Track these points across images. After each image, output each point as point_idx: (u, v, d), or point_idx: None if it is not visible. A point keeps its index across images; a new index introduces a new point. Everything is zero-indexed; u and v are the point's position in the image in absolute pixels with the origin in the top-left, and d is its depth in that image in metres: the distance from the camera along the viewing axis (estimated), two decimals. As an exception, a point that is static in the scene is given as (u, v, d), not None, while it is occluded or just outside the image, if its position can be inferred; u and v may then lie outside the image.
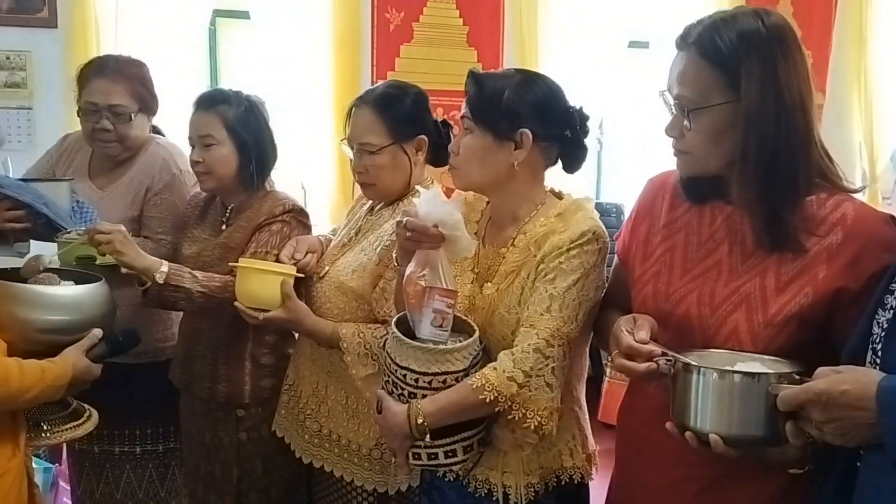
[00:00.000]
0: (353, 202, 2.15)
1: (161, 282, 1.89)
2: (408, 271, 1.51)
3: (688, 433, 1.25)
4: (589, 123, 1.61)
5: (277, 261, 1.94)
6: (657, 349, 1.30)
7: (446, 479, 1.65)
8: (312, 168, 3.84)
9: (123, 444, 2.30)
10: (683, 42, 1.36)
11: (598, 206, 1.87)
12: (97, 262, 1.90)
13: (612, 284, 1.61)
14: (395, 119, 1.85)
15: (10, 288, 1.61)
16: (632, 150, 4.41)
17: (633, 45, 4.22)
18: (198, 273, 1.96)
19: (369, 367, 1.82)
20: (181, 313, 2.20)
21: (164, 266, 1.91)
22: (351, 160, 1.91)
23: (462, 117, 1.58)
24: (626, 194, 4.21)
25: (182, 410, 2.23)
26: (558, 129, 1.57)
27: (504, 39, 4.07)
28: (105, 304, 1.73)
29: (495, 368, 1.45)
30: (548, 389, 1.46)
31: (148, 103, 2.23)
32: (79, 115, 2.21)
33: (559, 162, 1.63)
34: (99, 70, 2.17)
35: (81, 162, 2.30)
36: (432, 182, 1.92)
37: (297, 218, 2.07)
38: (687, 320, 1.38)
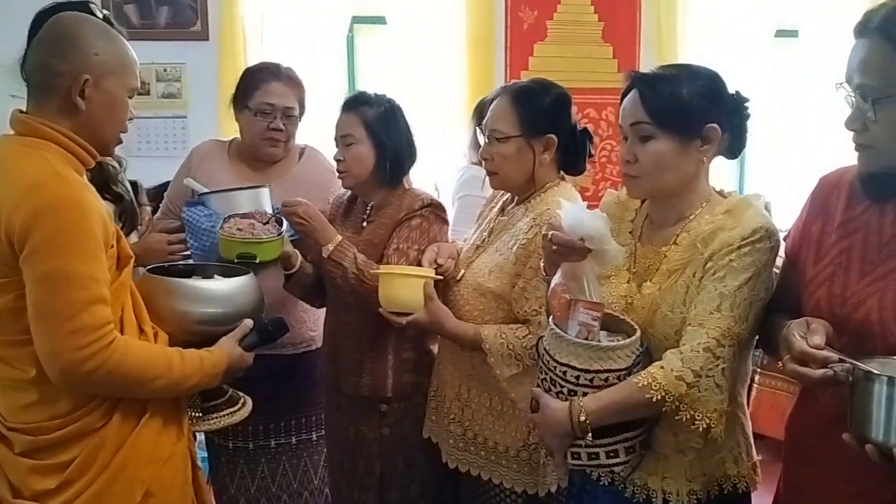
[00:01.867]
0: (482, 206, 2.16)
1: (326, 255, 2.00)
2: (553, 283, 1.51)
3: (868, 446, 1.19)
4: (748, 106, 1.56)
5: (417, 265, 1.98)
6: (833, 355, 1.25)
7: (600, 483, 1.62)
8: (446, 168, 3.87)
9: (258, 439, 2.38)
10: (864, 28, 1.29)
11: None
12: (257, 260, 1.98)
13: (779, 286, 1.54)
14: (528, 113, 1.85)
15: (169, 283, 1.70)
16: (780, 144, 4.19)
17: (780, 34, 4.00)
18: (359, 256, 2.02)
19: (513, 367, 1.82)
20: (323, 310, 2.27)
21: (338, 238, 2.02)
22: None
23: (635, 124, 1.52)
24: (773, 190, 4.00)
25: (327, 408, 2.30)
26: (731, 118, 1.53)
27: (641, 34, 3.96)
28: (255, 297, 1.80)
29: (662, 367, 1.41)
30: (717, 391, 1.40)
31: (303, 110, 2.35)
32: (240, 116, 2.31)
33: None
34: (274, 74, 2.29)
35: (215, 168, 2.35)
36: (558, 183, 1.91)
37: (435, 212, 2.11)
38: (866, 325, 1.31)
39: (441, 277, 1.94)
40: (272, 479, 2.40)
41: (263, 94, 2.26)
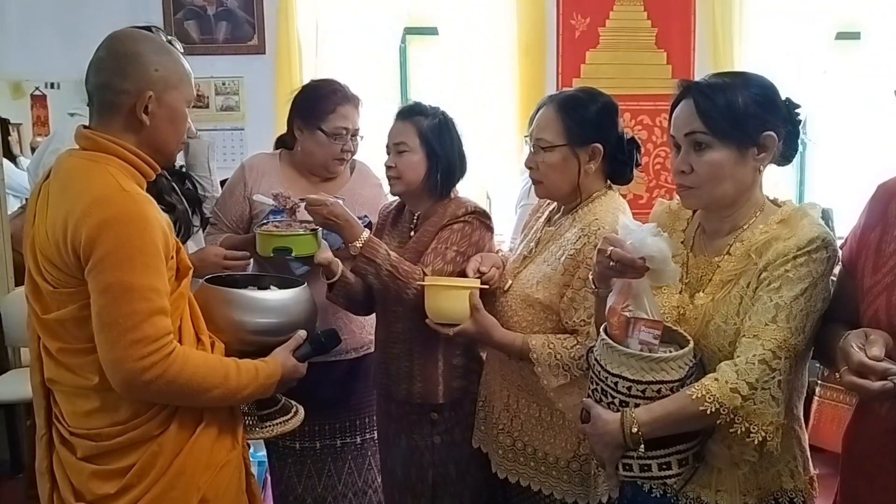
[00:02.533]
0: (527, 216, 2.15)
1: (357, 252, 1.99)
2: (610, 301, 1.50)
3: None
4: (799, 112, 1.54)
5: (462, 275, 1.98)
6: (893, 367, 1.21)
7: (651, 495, 1.60)
8: (497, 177, 3.88)
9: (324, 439, 2.43)
10: None
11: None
12: (293, 254, 2.02)
13: (835, 295, 1.50)
14: (573, 122, 1.84)
15: (226, 293, 1.73)
16: (840, 150, 4.07)
17: (841, 36, 3.90)
18: (392, 253, 2.04)
19: (560, 377, 1.81)
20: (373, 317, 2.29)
21: (366, 234, 2.02)
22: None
23: (690, 133, 1.50)
24: (835, 198, 3.89)
25: (378, 415, 2.32)
26: (785, 125, 1.50)
27: (696, 39, 3.90)
28: (308, 307, 1.83)
29: (717, 379, 1.39)
30: (773, 403, 1.37)
31: None
32: (309, 135, 2.33)
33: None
34: (346, 98, 2.35)
35: (273, 182, 2.37)
36: (605, 192, 1.90)
37: (479, 218, 2.11)
38: None
39: (486, 287, 1.95)
40: (338, 477, 2.45)
41: (338, 118, 2.31)
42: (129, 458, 1.50)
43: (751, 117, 1.46)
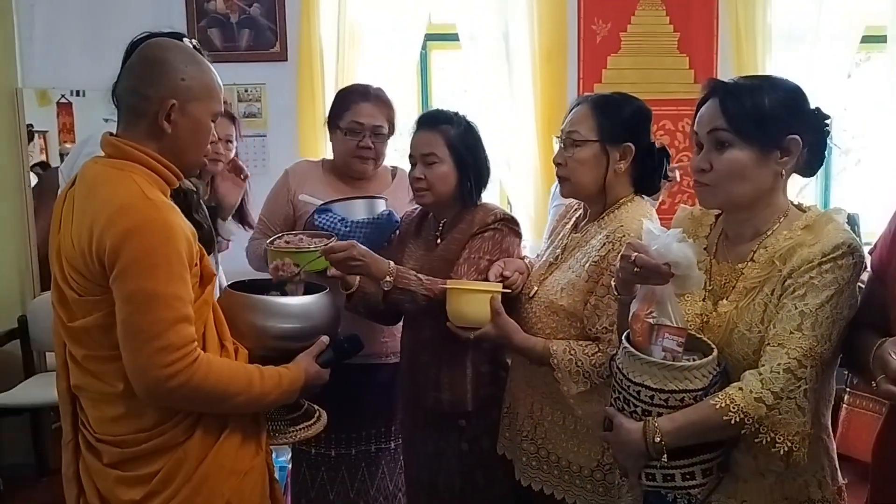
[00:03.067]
0: (554, 223, 2.14)
1: (388, 287, 1.99)
2: (634, 308, 1.49)
3: None
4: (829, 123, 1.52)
5: (485, 279, 1.98)
6: None
7: (676, 504, 1.58)
8: (517, 183, 3.86)
9: (340, 447, 2.43)
10: None
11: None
12: (301, 269, 1.98)
13: (864, 301, 1.48)
14: (608, 120, 1.84)
15: (249, 299, 1.74)
16: (866, 154, 4.01)
17: (867, 39, 3.85)
18: (422, 276, 2.04)
19: (581, 384, 1.80)
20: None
21: (392, 267, 2.01)
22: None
23: (713, 131, 1.49)
24: (862, 203, 3.84)
25: (404, 423, 2.32)
26: (811, 132, 1.48)
27: (719, 43, 3.87)
28: (331, 313, 1.83)
29: (741, 388, 1.37)
30: (799, 413, 1.36)
31: (392, 129, 2.44)
32: (333, 136, 2.43)
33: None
34: (363, 95, 2.40)
35: (315, 187, 2.44)
36: (632, 199, 1.88)
37: (508, 226, 2.11)
38: None
39: (508, 291, 1.94)
40: (351, 485, 2.46)
41: (353, 113, 2.36)
42: (155, 465, 1.51)
43: (776, 119, 1.45)
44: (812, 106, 1.51)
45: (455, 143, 2.10)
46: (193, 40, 1.66)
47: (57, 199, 1.59)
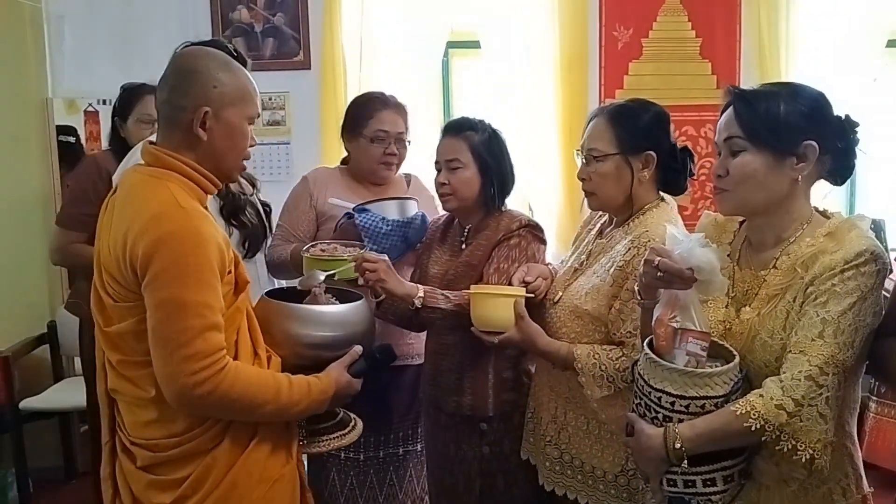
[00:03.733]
0: (579, 229, 2.15)
1: (419, 306, 2.01)
2: (657, 313, 1.49)
3: None
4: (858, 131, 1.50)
5: (508, 284, 1.99)
6: None
7: (698, 511, 1.58)
8: (539, 189, 3.86)
9: (369, 450, 2.45)
10: None
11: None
12: (335, 277, 2.00)
13: (890, 308, 1.47)
14: (626, 131, 1.84)
15: (284, 307, 1.74)
16: (892, 160, 3.96)
17: (892, 43, 3.81)
18: (448, 293, 2.06)
19: (605, 388, 1.80)
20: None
21: (421, 292, 2.02)
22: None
23: (728, 139, 1.51)
24: (887, 209, 3.80)
25: (426, 425, 2.34)
26: (834, 139, 1.48)
27: (741, 48, 3.85)
28: (366, 322, 1.82)
29: (762, 395, 1.38)
30: (821, 420, 1.36)
31: (408, 133, 2.47)
32: (354, 144, 2.46)
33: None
34: (384, 103, 2.44)
35: (336, 192, 2.48)
36: (658, 204, 1.89)
37: (533, 232, 2.13)
38: None
39: (532, 296, 1.95)
40: (379, 489, 2.48)
41: (377, 122, 2.40)
42: (185, 470, 1.53)
43: (790, 126, 1.45)
44: (837, 113, 1.50)
45: (479, 149, 2.13)
46: (231, 46, 1.66)
47: (102, 207, 1.61)
